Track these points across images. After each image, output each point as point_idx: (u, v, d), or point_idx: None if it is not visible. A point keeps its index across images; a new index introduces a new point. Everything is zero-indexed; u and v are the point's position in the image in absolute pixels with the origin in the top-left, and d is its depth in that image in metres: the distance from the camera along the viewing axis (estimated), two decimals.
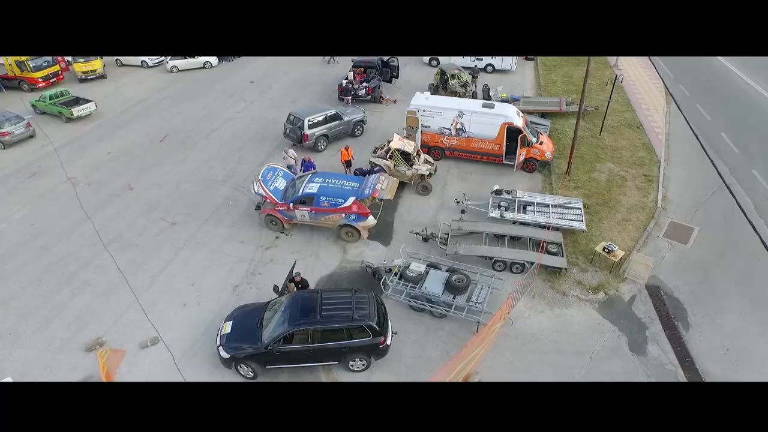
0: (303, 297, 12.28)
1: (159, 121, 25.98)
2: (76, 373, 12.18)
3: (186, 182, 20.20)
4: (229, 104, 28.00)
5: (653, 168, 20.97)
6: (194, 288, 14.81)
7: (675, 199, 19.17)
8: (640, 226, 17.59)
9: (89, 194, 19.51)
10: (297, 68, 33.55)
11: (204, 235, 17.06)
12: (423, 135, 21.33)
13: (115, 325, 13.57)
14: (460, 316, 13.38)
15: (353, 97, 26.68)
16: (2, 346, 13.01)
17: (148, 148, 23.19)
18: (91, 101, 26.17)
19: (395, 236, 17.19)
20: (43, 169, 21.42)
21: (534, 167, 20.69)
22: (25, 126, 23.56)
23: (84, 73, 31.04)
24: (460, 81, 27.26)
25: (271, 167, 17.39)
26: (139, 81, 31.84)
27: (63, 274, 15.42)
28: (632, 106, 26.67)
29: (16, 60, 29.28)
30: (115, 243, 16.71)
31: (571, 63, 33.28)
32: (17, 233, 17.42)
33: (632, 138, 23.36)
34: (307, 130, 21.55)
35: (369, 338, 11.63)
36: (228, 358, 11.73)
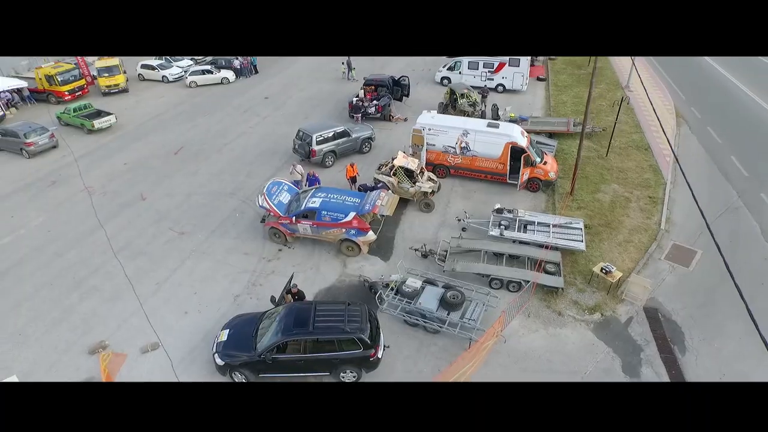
0: (297, 308, 12.62)
1: (175, 134, 26.91)
2: (79, 374, 12.67)
3: (196, 194, 20.88)
4: (243, 119, 28.85)
5: (659, 190, 20.92)
6: (197, 296, 15.28)
7: (679, 222, 19.08)
8: (642, 247, 17.55)
9: (104, 203, 20.31)
10: (311, 85, 34.43)
11: (210, 246, 17.59)
12: (428, 153, 21.70)
13: (119, 329, 14.08)
14: (453, 332, 13.54)
15: (363, 115, 27.25)
16: (11, 347, 13.61)
17: (163, 160, 24.03)
18: (111, 114, 27.30)
19: (395, 252, 17.47)
20: (63, 178, 22.39)
21: (538, 187, 20.83)
22: (49, 137, 24.69)
23: (107, 87, 32.40)
24: (469, 100, 27.65)
25: (276, 181, 17.92)
26: (158, 95, 33.06)
27: (74, 279, 16.07)
28: (641, 128, 26.66)
29: (46, 74, 30.78)
30: (124, 251, 17.35)
31: (582, 83, 33.43)
32: (35, 238, 18.22)
33: (639, 159, 23.35)
34: (315, 146, 22.12)
35: (360, 350, 11.87)
36: (223, 365, 12.09)
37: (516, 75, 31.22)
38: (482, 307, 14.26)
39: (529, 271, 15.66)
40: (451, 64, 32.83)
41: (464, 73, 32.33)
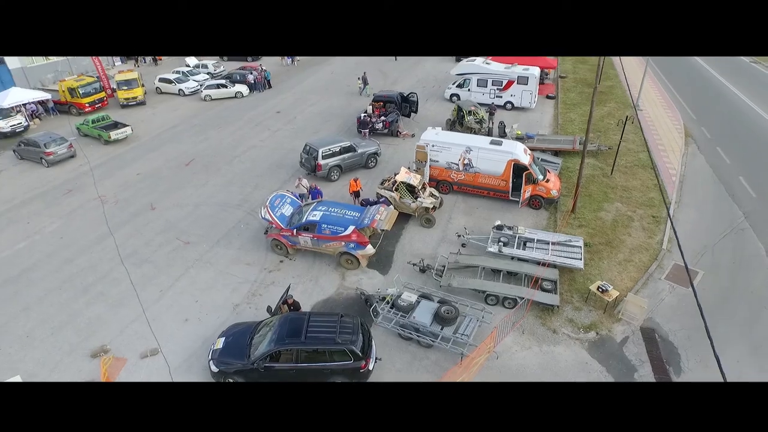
0: (291, 318, 12.91)
1: (188, 146, 27.70)
2: (80, 377, 13.10)
3: (204, 205, 21.45)
4: (254, 132, 29.57)
5: (663, 209, 20.84)
6: (197, 304, 15.68)
7: (682, 241, 18.89)
8: (642, 267, 17.50)
9: (115, 212, 20.99)
10: (322, 100, 35.15)
11: (213, 255, 18.05)
12: (432, 169, 21.99)
13: (121, 334, 14.53)
14: (445, 346, 13.67)
15: (370, 130, 27.72)
16: (19, 348, 14.14)
17: (175, 171, 24.76)
18: (127, 126, 28.26)
19: (394, 266, 17.69)
20: (78, 187, 23.21)
21: (540, 204, 20.93)
22: (68, 147, 25.66)
23: (126, 100, 33.54)
24: (476, 117, 27.96)
25: (279, 194, 18.36)
26: (173, 108, 34.08)
27: (81, 284, 16.64)
28: (648, 147, 26.46)
29: (68, 87, 32.03)
30: (131, 258, 17.90)
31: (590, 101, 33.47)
32: (48, 244, 18.91)
33: (645, 178, 23.31)
34: (320, 160, 22.60)
35: (350, 362, 12.08)
36: (217, 372, 12.41)
37: (524, 93, 31.48)
38: (476, 322, 14.37)
39: (525, 288, 15.74)
40: (460, 81, 33.24)
41: (473, 90, 32.70)
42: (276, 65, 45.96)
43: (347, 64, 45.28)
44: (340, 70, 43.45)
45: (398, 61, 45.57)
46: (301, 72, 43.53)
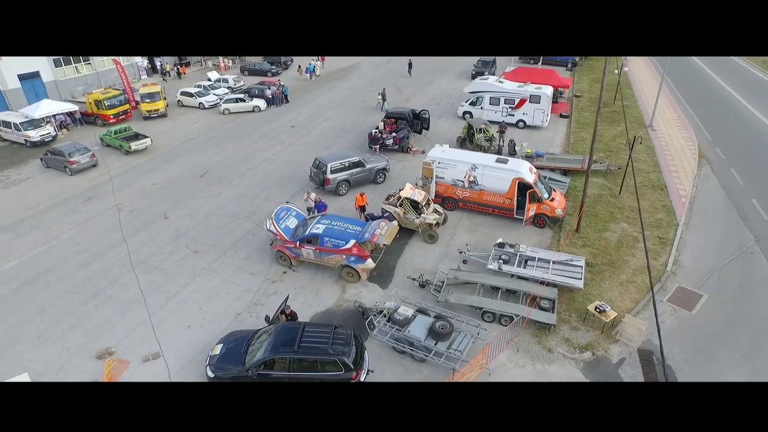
0: (287, 328, 13.27)
1: (204, 158, 28.61)
2: (85, 377, 13.66)
3: (214, 215, 22.12)
4: (267, 146, 30.36)
5: (670, 231, 20.67)
6: (201, 312, 16.18)
7: (687, 264, 18.77)
8: (644, 288, 17.37)
9: (130, 220, 21.82)
10: (337, 116, 35.87)
11: (220, 265, 18.60)
12: (438, 185, 22.27)
13: (126, 338, 15.09)
14: (438, 361, 13.82)
15: (381, 146, 28.20)
16: (30, 347, 14.81)
17: (189, 181, 25.60)
18: (147, 137, 29.37)
19: (394, 280, 17.94)
20: (97, 195, 24.20)
21: (544, 223, 20.97)
22: (90, 156, 26.80)
23: (148, 112, 34.86)
24: (486, 135, 28.22)
25: (284, 207, 18.88)
26: (193, 121, 35.24)
27: (93, 288, 17.34)
28: (659, 167, 26.43)
29: (95, 99, 33.50)
30: (142, 265, 18.58)
31: (605, 121, 33.46)
32: (64, 249, 19.77)
33: (654, 199, 23.15)
34: (329, 175, 23.12)
35: (341, 372, 12.34)
36: (213, 378, 12.81)
37: (537, 111, 31.63)
38: (470, 339, 14.49)
39: (522, 305, 15.80)
40: (473, 99, 33.58)
41: (486, 108, 33.00)
42: (295, 80, 47.13)
43: (364, 80, 46.14)
44: (357, 86, 44.28)
45: (414, 77, 46.22)
46: (320, 87, 44.48)
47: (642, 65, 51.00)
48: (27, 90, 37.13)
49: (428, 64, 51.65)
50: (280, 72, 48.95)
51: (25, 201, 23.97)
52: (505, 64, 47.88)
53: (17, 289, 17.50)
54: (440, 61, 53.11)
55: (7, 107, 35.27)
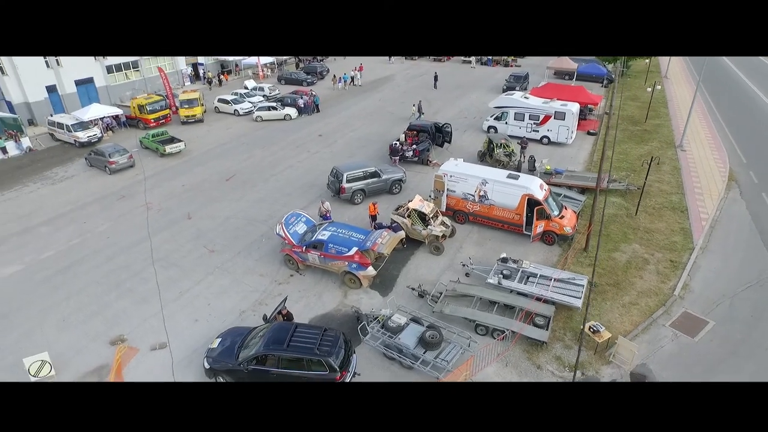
0: (280, 327, 14.04)
1: (232, 163, 30.10)
2: (99, 360, 14.89)
3: (234, 218, 23.34)
4: (294, 153, 31.57)
5: (684, 254, 20.22)
6: (209, 308, 17.23)
7: (697, 289, 18.34)
8: (647, 311, 17.13)
9: (157, 218, 23.35)
10: (365, 126, 36.79)
11: (233, 265, 19.67)
12: (448, 199, 22.66)
13: (139, 327, 16.29)
14: (423, 369, 14.21)
15: (401, 158, 28.83)
16: (55, 330, 16.25)
17: (216, 185, 27.04)
18: (181, 141, 31.21)
19: (395, 289, 18.45)
20: (131, 194, 25.99)
21: (553, 240, 20.95)
22: (128, 157, 28.80)
23: (186, 117, 36.95)
24: (506, 151, 28.35)
25: (295, 213, 19.79)
26: (227, 127, 37.05)
27: (116, 280, 18.75)
28: (683, 189, 25.77)
29: (138, 104, 35.86)
30: (162, 261, 19.90)
31: (633, 140, 32.87)
32: (96, 243, 21.41)
33: (671, 221, 22.66)
34: (345, 184, 23.93)
35: (326, 373, 12.96)
36: (209, 369, 13.73)
37: (561, 128, 31.45)
38: (459, 350, 14.81)
39: (515, 321, 15.96)
40: (498, 114, 33.74)
41: (510, 123, 33.09)
42: (328, 89, 48.59)
43: (396, 92, 46.97)
44: (389, 97, 45.17)
45: (445, 91, 46.70)
46: (353, 97, 45.64)
47: (682, 83, 49.45)
48: (81, 94, 40.15)
49: (461, 78, 52.04)
50: (315, 82, 50.53)
51: (68, 197, 26.03)
52: (538, 80, 47.66)
53: (51, 277, 19.14)
54: (473, 76, 53.41)
55: (63, 110, 38.22)
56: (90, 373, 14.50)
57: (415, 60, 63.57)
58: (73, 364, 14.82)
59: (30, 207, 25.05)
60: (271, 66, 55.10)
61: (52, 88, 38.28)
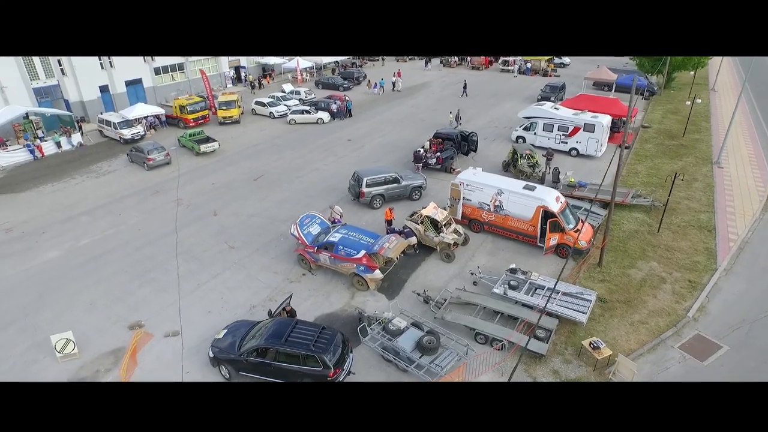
0: (281, 322, 14.68)
1: (262, 163, 31.30)
2: (117, 342, 16.03)
3: (257, 216, 24.34)
4: (321, 156, 32.47)
5: (705, 275, 19.55)
6: (222, 301, 18.14)
7: (715, 312, 17.73)
8: (656, 331, 16.73)
9: (185, 213, 24.68)
10: (394, 131, 37.30)
11: (249, 261, 20.58)
12: (464, 207, 22.80)
13: (156, 315, 17.37)
14: (416, 373, 14.50)
15: (423, 165, 29.14)
16: (81, 311, 17.59)
17: (244, 184, 28.24)
18: (216, 141, 32.73)
19: (402, 293, 18.79)
20: (164, 189, 27.56)
21: (567, 254, 20.69)
22: (165, 155, 30.52)
23: (224, 118, 38.66)
24: (530, 162, 28.14)
25: (309, 214, 20.50)
26: (261, 128, 38.46)
27: (141, 269, 20.03)
28: (713, 208, 24.82)
29: (180, 104, 37.84)
30: (185, 254, 21.07)
31: (667, 155, 31.84)
32: (127, 234, 22.90)
33: (696, 241, 21.91)
34: (364, 188, 24.49)
35: (319, 369, 13.49)
36: (212, 358, 14.54)
37: (590, 140, 30.89)
38: (455, 357, 15.00)
39: (514, 332, 15.99)
40: (527, 124, 33.49)
41: (539, 134, 32.76)
42: (364, 94, 49.49)
43: (430, 99, 47.25)
44: (422, 104, 45.52)
45: (478, 99, 46.61)
46: (386, 103, 46.27)
47: (730, 97, 47.17)
48: (130, 94, 42.70)
49: (497, 87, 51.76)
50: (352, 87, 51.54)
51: (108, 189, 27.88)
52: (577, 90, 46.77)
53: (85, 263, 20.65)
54: (510, 84, 52.98)
55: (113, 108, 40.81)
56: (108, 354, 15.64)
57: (453, 67, 63.65)
58: (94, 344, 16.03)
59: (75, 198, 27.01)
60: (310, 70, 56.57)
61: (104, 88, 40.96)
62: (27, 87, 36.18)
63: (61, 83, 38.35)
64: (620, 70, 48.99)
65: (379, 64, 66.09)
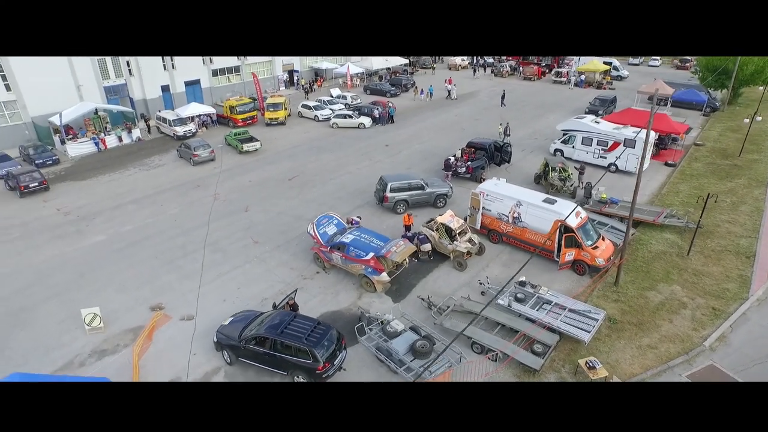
0: (281, 314, 15.51)
1: (299, 164, 32.62)
2: (138, 321, 17.50)
3: (284, 214, 25.51)
4: (356, 160, 33.34)
5: (733, 304, 18.47)
6: (238, 291, 19.28)
7: (736, 344, 16.73)
8: (664, 358, 16.03)
9: (219, 207, 26.29)
10: (433, 139, 37.57)
11: (270, 256, 21.67)
12: (483, 217, 22.79)
13: (177, 299, 18.77)
14: (405, 376, 14.82)
15: (453, 173, 29.26)
16: (113, 291, 19.30)
17: (278, 183, 29.60)
18: (258, 141, 34.48)
19: (409, 297, 19.12)
20: (204, 184, 29.43)
21: (584, 270, 20.23)
22: (210, 152, 32.56)
23: (270, 119, 40.57)
24: (561, 175, 27.57)
25: (327, 215, 21.30)
26: (305, 131, 39.97)
27: (170, 257, 21.63)
28: (758, 233, 23.23)
29: (230, 105, 40.13)
30: (212, 245, 22.51)
31: (716, 175, 30.07)
32: (165, 223, 24.74)
33: (730, 267, 20.67)
34: (388, 193, 25.03)
35: (309, 362, 14.15)
36: (216, 342, 15.60)
37: (630, 156, 29.75)
38: (446, 363, 15.18)
39: (510, 344, 15.91)
40: (565, 137, 32.74)
41: (577, 147, 31.95)
42: (411, 100, 50.11)
43: (475, 108, 47.04)
44: (466, 113, 45.44)
45: (524, 110, 45.92)
46: (431, 110, 46.59)
47: None
48: (189, 94, 45.74)
49: (546, 98, 50.72)
50: (399, 94, 52.28)
51: (156, 181, 30.17)
52: (629, 104, 44.93)
53: (124, 248, 22.58)
54: (560, 96, 51.73)
55: (172, 106, 43.87)
56: (129, 331, 17.13)
57: (505, 77, 62.90)
58: (119, 321, 17.59)
59: (126, 187, 29.45)
60: (360, 76, 57.90)
61: (165, 87, 44.16)
62: (99, 85, 39.79)
63: (127, 82, 41.81)
64: (678, 83, 46.56)
65: (430, 72, 66.43)
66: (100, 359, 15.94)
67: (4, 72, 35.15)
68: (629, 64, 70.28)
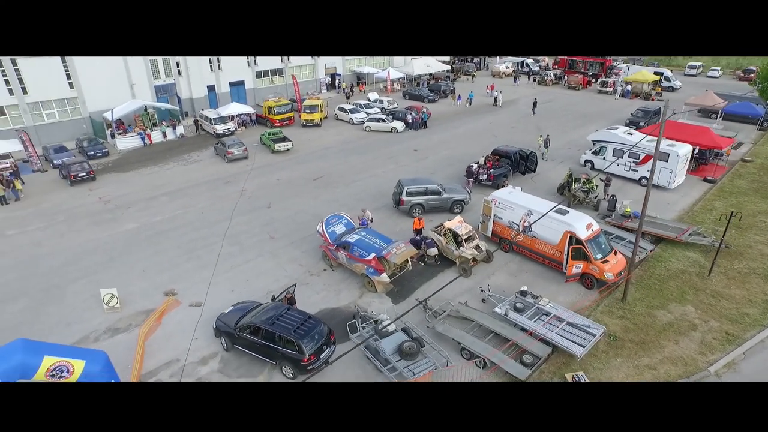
0: (276, 307, 16.23)
1: (327, 165, 33.53)
2: (151, 305, 18.76)
3: (303, 213, 26.39)
4: (383, 163, 33.86)
5: (751, 330, 17.47)
6: (247, 283, 20.23)
7: (747, 372, 15.85)
8: (662, 379, 15.45)
9: (244, 203, 27.55)
10: (462, 145, 37.49)
11: (282, 252, 22.55)
12: (495, 225, 22.67)
13: (190, 286, 19.95)
14: (389, 375, 15.11)
15: (475, 180, 29.17)
16: (135, 277, 20.77)
17: (304, 182, 30.60)
18: (290, 141, 35.73)
19: (409, 299, 19.37)
20: (234, 180, 30.89)
21: (592, 284, 19.74)
22: (243, 150, 34.11)
23: (306, 121, 41.86)
24: (585, 186, 26.90)
25: (336, 214, 21.90)
26: (338, 133, 40.94)
27: (191, 247, 22.97)
28: None
29: (269, 106, 41.78)
30: (231, 238, 23.69)
31: (759, 193, 28.29)
32: (192, 215, 26.24)
33: (755, 291, 19.52)
34: (404, 197, 25.36)
35: (295, 353, 14.75)
36: (215, 329, 16.53)
37: (663, 170, 28.48)
38: (431, 366, 15.34)
39: (498, 351, 15.85)
40: (596, 148, 31.82)
41: (608, 158, 30.94)
42: (448, 106, 50.12)
43: (511, 117, 46.39)
44: (500, 121, 44.95)
45: (564, 120, 44.81)
46: (467, 116, 46.41)
47: None
48: (233, 94, 47.97)
49: (588, 108, 49.27)
50: (437, 100, 52.39)
51: (190, 176, 31.98)
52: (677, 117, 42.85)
53: (151, 236, 24.19)
54: (604, 106, 50.09)
55: (217, 106, 46.17)
56: (142, 313, 18.41)
57: (549, 86, 61.54)
58: (134, 303, 18.95)
59: (163, 180, 31.41)
60: (401, 81, 58.46)
61: (211, 87, 46.54)
62: (150, 84, 42.57)
63: (176, 82, 44.43)
64: (733, 95, 43.90)
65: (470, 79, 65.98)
66: (113, 336, 17.27)
67: (69, 71, 38.37)
68: (685, 74, 66.76)
